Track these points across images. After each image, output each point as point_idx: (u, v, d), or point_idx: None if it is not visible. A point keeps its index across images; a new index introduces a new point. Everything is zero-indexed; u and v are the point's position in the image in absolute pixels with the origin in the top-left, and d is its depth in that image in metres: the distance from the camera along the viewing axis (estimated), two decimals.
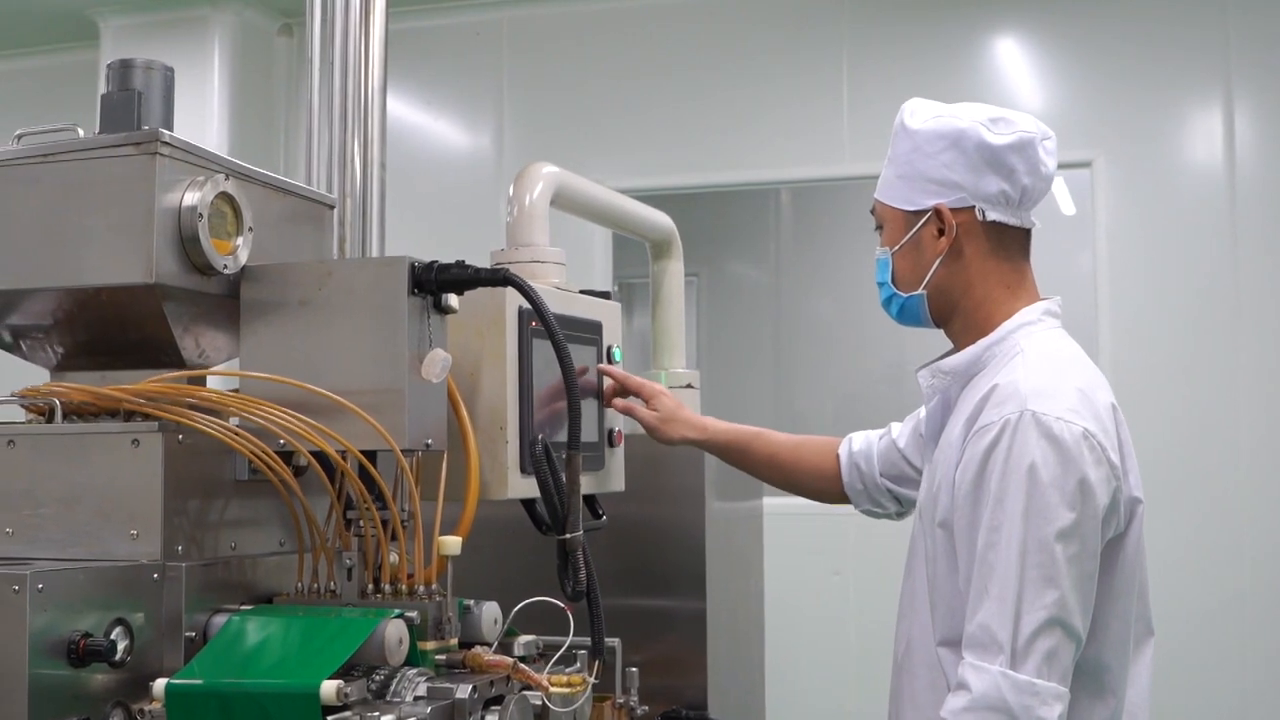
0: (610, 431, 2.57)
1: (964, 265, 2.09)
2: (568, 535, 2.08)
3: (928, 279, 2.10)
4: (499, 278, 2.03)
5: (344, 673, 1.80)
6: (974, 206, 2.07)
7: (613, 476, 2.59)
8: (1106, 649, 1.93)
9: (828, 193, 6.87)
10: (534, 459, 2.14)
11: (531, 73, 5.97)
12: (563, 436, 2.32)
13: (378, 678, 1.87)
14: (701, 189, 5.85)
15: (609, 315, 2.57)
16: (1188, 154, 5.20)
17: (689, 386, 3.17)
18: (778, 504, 3.47)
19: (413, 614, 1.94)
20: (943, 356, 2.18)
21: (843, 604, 5.32)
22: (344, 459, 1.99)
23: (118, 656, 1.77)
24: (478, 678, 1.94)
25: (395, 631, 1.89)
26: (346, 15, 3.48)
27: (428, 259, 2.04)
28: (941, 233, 2.08)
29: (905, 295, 2.12)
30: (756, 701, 3.45)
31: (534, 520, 2.33)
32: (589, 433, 2.46)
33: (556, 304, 2.33)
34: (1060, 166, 2.20)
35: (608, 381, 2.55)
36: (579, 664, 2.25)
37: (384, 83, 3.64)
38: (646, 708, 2.65)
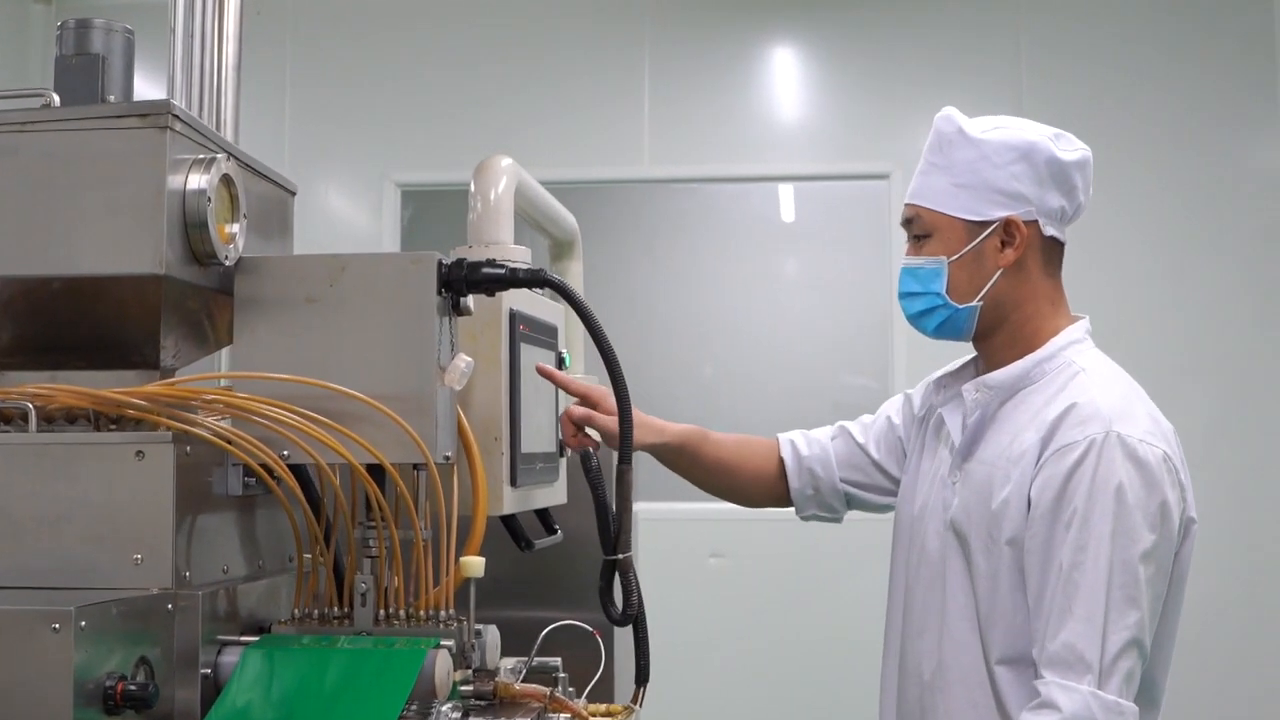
0: (561, 442, 2.44)
1: (1023, 279, 2.07)
2: (619, 555, 1.95)
3: (985, 291, 2.07)
4: (538, 279, 1.89)
5: None
6: (1037, 220, 2.06)
7: (562, 488, 2.46)
8: (1158, 666, 1.97)
9: (584, 194, 6.84)
10: (589, 473, 2.00)
11: (317, 60, 5.68)
12: (539, 448, 2.21)
13: (409, 713, 1.70)
14: None
15: (560, 319, 2.45)
16: None
17: None
18: None
19: (449, 642, 1.79)
20: (957, 369, 2.16)
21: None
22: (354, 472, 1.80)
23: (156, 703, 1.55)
24: (515, 709, 1.80)
25: (444, 664, 1.74)
26: None
27: None
28: (1005, 245, 2.05)
29: (958, 306, 2.07)
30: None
31: (513, 535, 2.20)
32: (546, 443, 2.33)
33: (524, 304, 2.20)
34: (858, 178, 2.17)
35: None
36: (560, 686, 2.13)
37: (239, 59, 3.37)
38: None
